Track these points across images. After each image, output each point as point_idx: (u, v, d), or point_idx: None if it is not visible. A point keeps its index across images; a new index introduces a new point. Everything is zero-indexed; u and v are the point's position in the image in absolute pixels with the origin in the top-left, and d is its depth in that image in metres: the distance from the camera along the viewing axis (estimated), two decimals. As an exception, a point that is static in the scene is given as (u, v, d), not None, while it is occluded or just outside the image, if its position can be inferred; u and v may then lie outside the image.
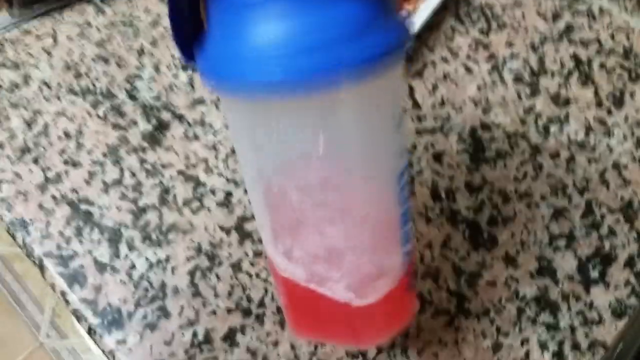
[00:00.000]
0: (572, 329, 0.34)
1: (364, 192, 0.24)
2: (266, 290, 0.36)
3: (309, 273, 0.27)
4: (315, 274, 0.27)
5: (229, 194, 0.40)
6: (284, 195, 0.25)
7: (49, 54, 0.48)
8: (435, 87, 0.45)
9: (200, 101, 0.45)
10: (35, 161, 0.42)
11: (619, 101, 0.43)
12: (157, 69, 0.47)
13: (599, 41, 0.47)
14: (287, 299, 0.30)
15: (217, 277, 0.36)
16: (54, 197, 0.41)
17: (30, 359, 1.18)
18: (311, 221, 0.25)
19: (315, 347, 0.34)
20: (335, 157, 0.23)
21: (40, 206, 0.40)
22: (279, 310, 0.35)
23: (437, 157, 0.41)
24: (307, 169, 0.23)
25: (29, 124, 0.44)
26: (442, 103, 0.44)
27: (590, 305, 0.35)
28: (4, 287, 1.26)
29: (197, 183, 0.41)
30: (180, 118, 0.44)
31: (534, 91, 0.44)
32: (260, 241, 0.38)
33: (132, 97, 0.45)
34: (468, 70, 0.45)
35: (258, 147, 0.24)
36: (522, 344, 0.33)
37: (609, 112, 0.43)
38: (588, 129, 0.42)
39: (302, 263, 0.27)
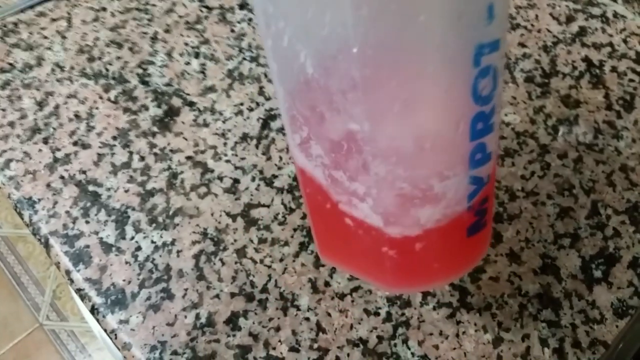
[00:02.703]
0: (574, 327, 0.34)
1: (410, 64, 0.19)
2: (270, 277, 0.36)
3: (330, 181, 0.23)
4: (337, 184, 0.22)
5: (236, 181, 0.40)
6: (294, 59, 0.20)
7: (63, 36, 0.49)
8: (445, 84, 0.45)
9: (211, 89, 0.45)
10: (45, 141, 0.43)
11: (629, 105, 0.43)
12: (169, 55, 0.47)
13: (611, 45, 0.47)
14: (309, 207, 0.25)
15: (222, 261, 0.37)
16: (62, 177, 0.41)
17: (30, 339, 1.19)
18: (332, 103, 0.20)
19: (317, 334, 0.34)
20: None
21: (48, 186, 0.41)
22: (281, 296, 0.35)
23: (445, 153, 0.41)
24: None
25: (40, 105, 0.45)
26: (452, 100, 0.44)
27: (593, 304, 0.35)
28: (6, 268, 1.27)
29: (205, 169, 0.41)
30: (190, 105, 0.44)
31: (545, 92, 0.44)
32: (265, 228, 0.38)
33: (144, 82, 0.46)
34: (479, 68, 0.45)
35: None
36: (522, 339, 0.33)
37: (619, 115, 0.43)
38: (597, 131, 0.42)
39: (321, 164, 0.22)
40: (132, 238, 0.38)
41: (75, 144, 0.42)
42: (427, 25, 0.18)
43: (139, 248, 0.37)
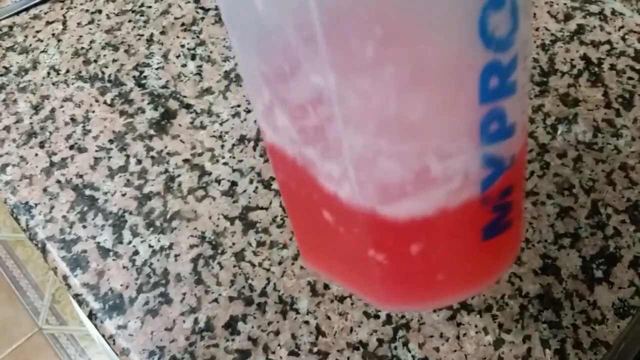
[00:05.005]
0: (575, 328, 0.34)
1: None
2: (268, 280, 0.36)
3: (301, 161, 0.18)
4: (309, 164, 0.18)
5: (234, 184, 0.40)
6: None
7: (58, 39, 0.48)
8: (443, 84, 0.44)
9: (208, 91, 0.45)
10: (41, 145, 0.42)
11: (628, 103, 0.43)
12: (165, 57, 0.47)
13: (610, 43, 0.47)
14: (285, 199, 0.22)
15: (220, 265, 0.36)
16: (58, 182, 0.41)
17: (29, 344, 1.18)
18: (289, 49, 0.15)
19: (317, 337, 0.34)
20: None
21: (45, 190, 0.40)
22: (280, 299, 0.35)
23: (444, 153, 0.41)
24: None
25: (36, 109, 0.44)
26: (450, 99, 0.44)
27: (594, 305, 0.34)
28: (5, 272, 1.27)
29: (203, 172, 0.41)
30: (187, 107, 0.44)
31: (543, 91, 0.44)
32: (264, 231, 0.38)
33: (140, 85, 0.45)
34: (477, 67, 0.45)
35: None
36: (524, 341, 0.33)
37: (618, 113, 0.43)
38: (596, 130, 0.42)
39: (288, 140, 0.18)
40: (130, 242, 0.38)
41: (71, 147, 0.42)
42: None
43: (136, 252, 0.37)
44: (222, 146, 0.42)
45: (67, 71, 0.46)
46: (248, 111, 0.43)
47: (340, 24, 0.14)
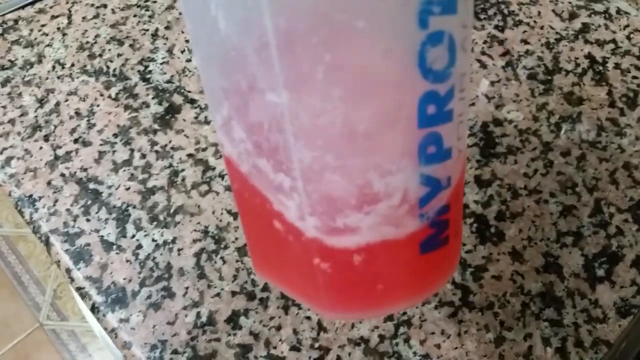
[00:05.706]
0: (576, 326, 0.34)
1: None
2: (271, 275, 0.36)
3: (255, 172, 0.19)
4: (262, 176, 0.19)
5: (237, 179, 0.40)
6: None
7: (63, 33, 0.48)
8: (447, 81, 0.44)
9: (212, 86, 0.45)
10: (46, 139, 0.42)
11: (632, 102, 0.43)
12: (170, 52, 0.47)
13: (614, 42, 0.47)
14: (239, 208, 0.23)
15: (223, 260, 0.37)
16: (63, 175, 0.41)
17: (30, 339, 1.19)
18: (247, 67, 0.17)
19: (318, 333, 0.34)
20: None
21: (49, 183, 0.40)
22: (282, 295, 0.35)
23: (447, 151, 0.41)
24: None
25: (40, 102, 0.44)
26: (454, 97, 0.43)
27: (595, 303, 0.34)
28: (7, 268, 1.27)
29: (207, 167, 0.41)
30: (192, 102, 0.44)
31: (548, 89, 0.44)
32: (266, 226, 0.38)
33: (145, 79, 0.45)
34: (482, 65, 0.45)
35: None
36: (525, 338, 0.33)
37: (622, 112, 0.43)
38: (600, 129, 0.42)
39: (244, 151, 0.19)
40: (133, 236, 0.38)
41: (76, 141, 0.42)
42: None
43: (139, 246, 0.37)
44: (226, 141, 0.42)
45: (72, 65, 0.46)
46: (252, 107, 0.43)
47: (294, 48, 0.16)
